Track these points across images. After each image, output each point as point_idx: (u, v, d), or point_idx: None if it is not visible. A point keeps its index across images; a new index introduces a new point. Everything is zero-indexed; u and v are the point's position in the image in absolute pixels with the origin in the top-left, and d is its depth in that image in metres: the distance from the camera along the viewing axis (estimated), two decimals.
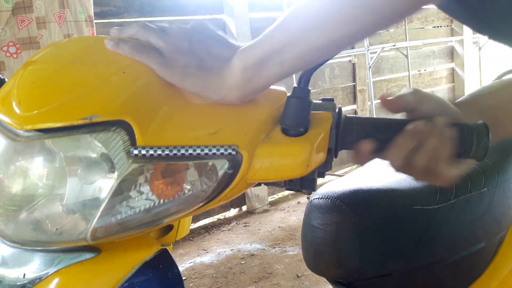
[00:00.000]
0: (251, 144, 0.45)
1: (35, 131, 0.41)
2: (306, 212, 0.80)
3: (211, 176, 0.43)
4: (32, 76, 0.46)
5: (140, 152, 0.41)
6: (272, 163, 0.45)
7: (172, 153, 0.42)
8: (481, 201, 0.81)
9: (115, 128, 0.41)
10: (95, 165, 0.42)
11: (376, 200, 0.77)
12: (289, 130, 0.47)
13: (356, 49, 3.69)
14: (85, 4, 2.17)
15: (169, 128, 0.43)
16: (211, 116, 0.46)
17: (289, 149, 0.46)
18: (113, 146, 0.41)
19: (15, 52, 2.00)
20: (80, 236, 0.43)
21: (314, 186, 0.50)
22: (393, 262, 0.76)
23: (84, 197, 0.42)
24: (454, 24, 5.02)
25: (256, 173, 0.45)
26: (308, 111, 0.48)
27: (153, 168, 0.42)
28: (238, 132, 0.45)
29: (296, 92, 0.47)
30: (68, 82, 0.44)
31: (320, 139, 0.47)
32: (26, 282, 0.45)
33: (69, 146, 0.42)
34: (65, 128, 0.41)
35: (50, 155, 0.42)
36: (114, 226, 0.42)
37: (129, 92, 0.44)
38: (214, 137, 0.44)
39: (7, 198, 0.43)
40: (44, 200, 0.42)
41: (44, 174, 0.42)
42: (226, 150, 0.43)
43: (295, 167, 0.45)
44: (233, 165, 0.43)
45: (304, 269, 2.25)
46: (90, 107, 0.41)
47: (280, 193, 3.48)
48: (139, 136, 0.41)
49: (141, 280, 0.45)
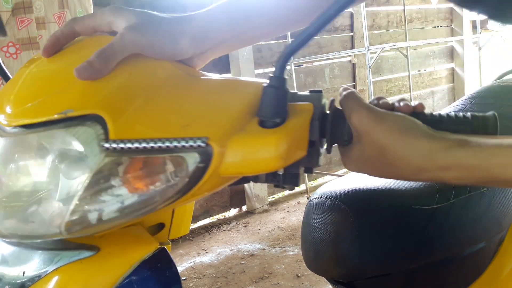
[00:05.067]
0: (223, 136, 0.43)
1: (19, 127, 0.43)
2: (305, 212, 0.80)
3: (182, 169, 0.42)
4: (25, 76, 0.47)
5: (111, 146, 0.41)
6: (245, 156, 0.43)
7: (142, 146, 0.41)
8: (481, 201, 0.81)
9: (89, 122, 0.42)
10: (72, 160, 0.42)
11: (375, 200, 0.77)
12: (265, 121, 0.45)
13: (356, 49, 3.69)
14: (85, 4, 2.18)
15: (142, 121, 0.43)
16: (185, 109, 0.45)
17: (263, 141, 0.43)
18: (87, 140, 0.41)
19: (15, 52, 2.00)
20: (56, 230, 0.43)
21: (297, 181, 0.48)
22: (393, 262, 0.76)
23: (61, 191, 0.42)
24: (454, 24, 5.02)
25: (229, 166, 0.43)
26: (285, 101, 0.45)
27: (126, 162, 0.42)
28: (211, 124, 0.43)
29: (271, 82, 0.45)
30: (51, 80, 0.46)
31: (298, 131, 0.45)
32: (26, 280, 0.45)
33: (49, 141, 0.43)
34: (44, 124, 0.42)
35: (34, 151, 0.43)
36: (87, 220, 0.42)
37: (105, 87, 0.44)
38: (186, 130, 0.42)
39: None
40: (28, 195, 0.43)
41: (29, 170, 0.44)
42: (195, 142, 0.41)
43: (270, 160, 0.43)
44: (204, 158, 0.42)
45: (304, 269, 2.25)
46: (67, 102, 0.42)
47: (280, 193, 3.48)
48: (112, 129, 0.41)
49: (139, 279, 0.46)
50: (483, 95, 0.97)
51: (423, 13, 4.68)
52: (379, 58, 3.71)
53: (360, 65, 3.92)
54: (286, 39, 3.24)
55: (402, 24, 4.26)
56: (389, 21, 4.32)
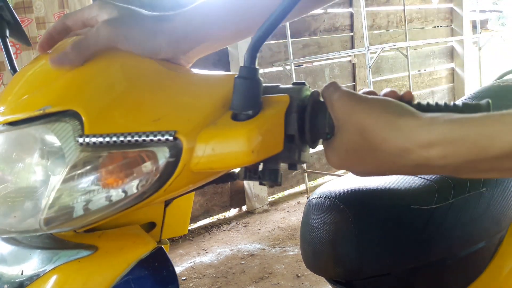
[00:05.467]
0: (193, 130, 0.42)
1: (6, 124, 0.45)
2: (304, 212, 0.80)
3: (153, 164, 0.42)
4: (17, 75, 0.49)
5: (85, 140, 0.41)
6: (215, 150, 0.41)
7: (113, 140, 0.41)
8: (480, 201, 0.81)
9: (67, 118, 0.42)
10: (51, 155, 0.43)
11: (374, 200, 0.77)
12: (238, 114, 0.43)
13: (356, 49, 3.69)
14: (85, 4, 2.18)
15: (116, 116, 0.43)
16: (158, 103, 0.44)
17: (233, 134, 0.41)
18: (64, 136, 0.42)
19: (15, 52, 2.00)
20: (36, 225, 0.43)
21: (276, 178, 0.46)
22: (392, 262, 0.76)
23: (39, 186, 0.43)
24: (454, 24, 5.02)
25: (199, 161, 0.42)
26: (258, 92, 0.43)
27: (101, 157, 0.42)
28: (181, 118, 0.43)
29: (242, 72, 0.43)
30: (36, 78, 0.47)
31: (271, 124, 0.43)
32: (24, 279, 0.45)
33: (29, 137, 0.44)
34: (26, 120, 0.43)
35: (16, 146, 0.45)
36: (65, 215, 0.43)
37: (83, 82, 0.45)
38: (157, 124, 0.42)
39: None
40: (8, 190, 0.45)
41: (11, 166, 0.45)
42: (163, 136, 0.41)
43: (240, 154, 0.41)
44: (173, 152, 0.42)
45: (304, 269, 2.25)
46: (46, 99, 0.43)
47: (280, 193, 3.48)
48: (87, 124, 0.42)
49: (136, 278, 0.46)
50: (483, 95, 0.97)
51: (423, 13, 4.68)
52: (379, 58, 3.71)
53: (360, 65, 3.92)
54: (286, 39, 3.24)
55: (402, 24, 4.26)
56: (389, 21, 4.32)
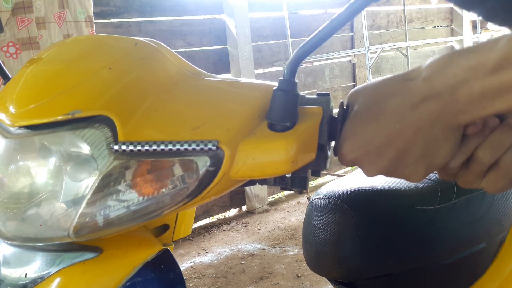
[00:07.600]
0: (233, 139, 0.43)
1: (24, 128, 0.42)
2: (307, 212, 0.80)
3: (192, 173, 0.42)
4: (28, 75, 0.46)
5: (121, 148, 0.41)
6: (256, 160, 0.43)
7: (152, 148, 0.41)
8: (482, 201, 0.81)
9: (98, 124, 0.41)
10: (80, 162, 0.42)
11: (377, 200, 0.77)
12: (275, 125, 0.44)
13: (356, 49, 3.69)
14: (85, 4, 2.17)
15: (152, 123, 0.43)
16: (194, 111, 0.45)
17: (273, 145, 0.43)
18: (95, 142, 0.41)
19: (15, 52, 2.00)
20: (64, 233, 0.42)
21: (305, 185, 0.48)
22: (394, 262, 0.76)
23: (68, 193, 0.42)
24: (454, 24, 5.02)
25: (239, 169, 0.43)
26: (295, 104, 0.45)
27: (135, 165, 0.41)
28: (221, 127, 0.43)
29: (281, 85, 0.45)
30: (57, 80, 0.45)
31: (307, 135, 0.45)
32: (28, 281, 0.45)
33: (56, 143, 0.42)
34: (50, 125, 0.42)
35: (40, 152, 0.43)
36: (96, 223, 0.42)
37: (113, 87, 0.44)
38: (196, 133, 0.42)
39: (3, 195, 0.44)
40: (33, 197, 0.43)
41: (34, 172, 0.43)
42: (206, 146, 0.41)
43: (280, 163, 0.43)
44: (214, 161, 0.42)
45: (304, 269, 2.25)
46: (74, 102, 0.42)
47: (280, 193, 3.48)
48: (121, 131, 0.41)
49: (142, 280, 0.45)
50: None
51: (423, 13, 4.68)
52: (379, 58, 3.71)
53: (360, 65, 3.91)
54: (286, 39, 3.24)
55: (402, 24, 4.26)
56: (389, 21, 4.31)
